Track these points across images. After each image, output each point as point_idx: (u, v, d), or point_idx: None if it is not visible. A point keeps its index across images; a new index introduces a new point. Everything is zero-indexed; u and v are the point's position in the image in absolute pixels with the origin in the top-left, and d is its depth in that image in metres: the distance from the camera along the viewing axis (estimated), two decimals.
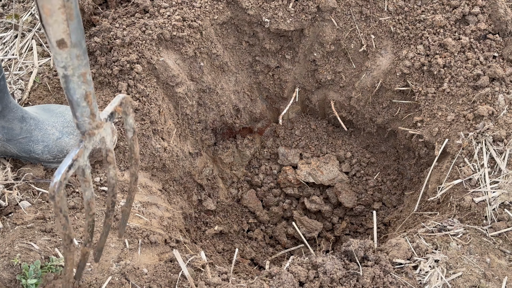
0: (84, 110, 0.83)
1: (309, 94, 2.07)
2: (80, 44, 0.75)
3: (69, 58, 0.75)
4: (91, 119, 0.85)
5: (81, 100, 0.81)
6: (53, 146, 1.35)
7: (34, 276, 1.11)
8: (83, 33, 0.75)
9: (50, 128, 1.36)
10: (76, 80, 0.78)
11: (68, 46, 0.73)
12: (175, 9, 1.73)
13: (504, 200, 1.33)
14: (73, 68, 0.76)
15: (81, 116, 0.84)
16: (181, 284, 1.19)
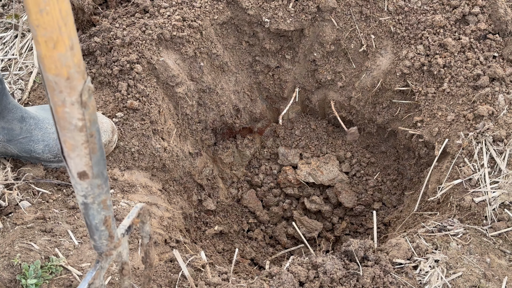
0: (103, 233, 0.83)
1: (309, 94, 2.07)
2: (102, 174, 0.74)
3: (90, 188, 0.74)
4: (109, 241, 0.84)
5: (100, 225, 0.81)
6: (53, 145, 1.35)
7: (34, 276, 1.11)
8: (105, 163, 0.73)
9: (50, 127, 1.36)
10: (96, 207, 0.77)
11: (90, 177, 0.72)
12: (175, 9, 1.73)
13: (504, 200, 1.33)
14: (93, 197, 0.75)
15: (99, 239, 0.84)
16: (181, 284, 1.19)
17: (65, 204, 1.34)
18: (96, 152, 0.71)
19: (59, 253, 1.19)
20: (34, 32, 0.59)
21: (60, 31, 0.59)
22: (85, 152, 0.69)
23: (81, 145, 0.68)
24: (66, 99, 0.63)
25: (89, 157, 0.70)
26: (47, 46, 0.59)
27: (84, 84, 0.64)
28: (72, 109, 0.64)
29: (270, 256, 1.97)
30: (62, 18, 0.59)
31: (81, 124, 0.66)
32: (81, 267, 1.18)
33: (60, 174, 1.43)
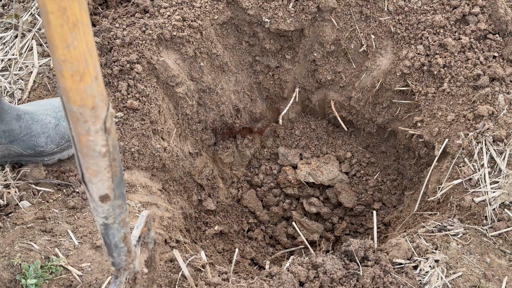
0: (122, 250, 0.84)
1: (309, 94, 2.07)
2: (122, 194, 0.75)
3: (111, 210, 0.75)
4: (128, 256, 0.86)
5: (120, 243, 0.82)
6: (54, 134, 1.36)
7: (34, 276, 1.11)
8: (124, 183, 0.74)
9: (45, 117, 1.37)
10: (116, 226, 0.78)
11: (112, 199, 0.73)
12: (175, 9, 1.73)
13: (504, 200, 1.33)
14: (114, 217, 0.76)
15: (118, 255, 0.85)
16: (181, 284, 1.19)
17: (65, 204, 1.34)
18: (117, 174, 0.71)
19: (59, 253, 1.19)
20: (59, 66, 0.57)
21: (86, 64, 0.58)
22: (108, 176, 0.69)
23: (104, 169, 0.68)
24: (90, 128, 0.63)
25: (111, 180, 0.70)
26: (73, 79, 0.58)
27: (107, 111, 0.64)
28: (96, 137, 0.64)
29: (270, 256, 1.97)
30: (88, 50, 0.58)
31: (104, 150, 0.65)
32: (81, 267, 1.19)
33: (60, 174, 1.43)
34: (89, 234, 1.27)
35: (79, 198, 1.36)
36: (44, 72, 1.68)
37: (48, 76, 1.65)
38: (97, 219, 0.76)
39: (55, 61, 0.57)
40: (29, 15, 1.91)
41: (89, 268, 1.19)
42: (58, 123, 1.37)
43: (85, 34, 0.57)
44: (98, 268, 1.19)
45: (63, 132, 1.38)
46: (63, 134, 1.38)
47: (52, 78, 1.64)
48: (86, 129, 0.63)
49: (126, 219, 0.79)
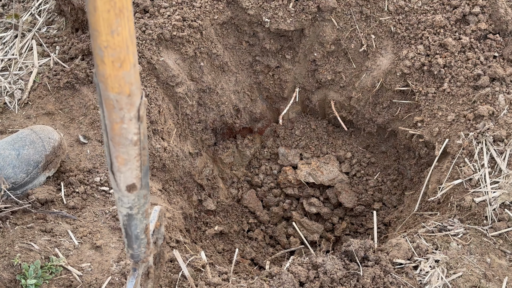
0: (142, 241, 0.84)
1: (309, 94, 2.07)
2: (147, 184, 0.75)
3: (137, 199, 0.74)
4: (147, 248, 0.86)
5: (141, 234, 0.82)
6: (19, 164, 1.33)
7: (34, 276, 1.11)
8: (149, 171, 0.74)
9: (4, 151, 1.34)
10: (139, 217, 0.78)
11: (138, 189, 0.73)
12: (175, 9, 1.73)
13: (505, 200, 1.32)
14: (138, 207, 0.76)
15: (138, 247, 0.84)
16: (181, 284, 1.19)
17: (65, 204, 1.34)
18: (146, 163, 0.71)
19: (59, 253, 1.19)
20: (100, 53, 0.57)
21: (127, 50, 0.58)
22: (137, 164, 0.69)
23: (134, 158, 0.68)
24: (125, 115, 0.63)
25: (139, 169, 0.70)
26: (113, 66, 0.58)
27: (141, 99, 0.64)
28: (130, 125, 0.64)
29: (270, 256, 1.97)
30: (130, 36, 0.58)
31: (136, 138, 0.66)
32: (81, 267, 1.18)
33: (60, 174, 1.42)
34: (89, 234, 1.27)
35: (79, 198, 1.36)
36: (44, 72, 1.68)
37: (48, 76, 1.64)
38: (120, 210, 0.75)
39: (96, 47, 0.57)
40: (29, 15, 1.91)
41: (89, 268, 1.19)
42: (18, 152, 1.34)
43: (128, 20, 0.57)
44: (98, 268, 1.19)
45: (27, 159, 1.34)
46: (28, 160, 1.34)
47: (52, 78, 1.64)
48: (121, 117, 0.63)
49: (148, 210, 0.79)
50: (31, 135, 1.38)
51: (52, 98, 1.61)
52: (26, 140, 1.37)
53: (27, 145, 1.36)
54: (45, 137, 1.39)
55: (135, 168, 0.69)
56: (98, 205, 1.36)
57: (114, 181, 0.70)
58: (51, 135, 1.40)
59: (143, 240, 0.83)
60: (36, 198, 1.31)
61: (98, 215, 1.33)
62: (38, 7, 1.93)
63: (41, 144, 1.37)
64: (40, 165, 1.36)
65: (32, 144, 1.36)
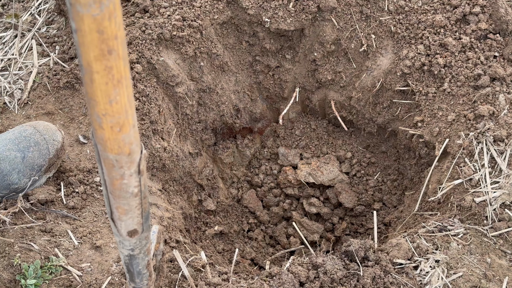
0: (144, 275, 0.84)
1: (309, 94, 2.07)
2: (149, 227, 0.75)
3: (139, 242, 0.75)
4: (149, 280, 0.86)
5: (143, 270, 0.82)
6: (23, 168, 1.31)
7: (34, 276, 1.10)
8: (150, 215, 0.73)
9: (10, 153, 1.30)
10: (141, 256, 0.79)
11: (139, 233, 0.73)
12: (175, 8, 1.73)
13: (505, 200, 1.32)
14: (140, 248, 0.76)
15: (141, 281, 0.85)
16: (181, 284, 1.19)
17: (65, 204, 1.34)
18: (147, 210, 0.71)
19: (59, 253, 1.19)
20: (98, 120, 0.56)
21: (126, 115, 0.58)
22: (138, 213, 0.69)
23: (135, 208, 0.68)
24: (125, 172, 0.62)
25: (141, 216, 0.70)
26: (112, 130, 0.58)
27: (141, 154, 0.64)
28: (130, 180, 0.64)
29: (270, 256, 1.97)
30: (129, 102, 0.57)
31: (137, 190, 0.65)
32: (81, 267, 1.18)
33: (60, 174, 1.42)
34: (88, 234, 1.27)
35: (79, 198, 1.36)
36: (44, 72, 1.68)
37: (48, 76, 1.64)
38: (122, 251, 0.76)
39: (94, 114, 0.57)
40: (28, 14, 1.91)
41: (89, 268, 1.18)
42: (24, 155, 1.31)
43: (127, 88, 0.56)
44: (98, 268, 1.19)
45: (32, 163, 1.32)
46: (32, 165, 1.32)
47: (52, 78, 1.64)
48: (121, 174, 0.63)
49: (150, 247, 0.79)
50: (35, 135, 1.35)
51: (52, 98, 1.61)
52: (31, 141, 1.33)
53: (31, 146, 1.33)
54: (49, 139, 1.36)
55: (136, 216, 0.69)
56: (98, 205, 1.36)
57: (115, 227, 0.70)
58: (55, 136, 1.38)
59: (145, 275, 0.84)
60: (36, 198, 1.31)
61: (98, 215, 1.33)
62: (38, 7, 1.93)
63: (46, 146, 1.35)
64: (43, 169, 1.35)
65: (37, 146, 1.33)
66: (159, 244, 1.00)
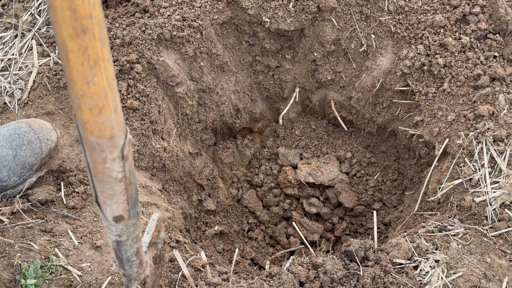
0: (134, 263, 0.84)
1: (309, 94, 2.07)
2: (137, 214, 0.74)
3: (125, 229, 0.74)
4: (139, 268, 0.86)
5: (132, 257, 0.82)
6: (14, 166, 1.30)
7: (34, 276, 1.11)
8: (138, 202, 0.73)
9: (1, 150, 1.29)
10: (129, 243, 0.78)
11: (126, 219, 0.72)
12: (175, 9, 1.73)
13: (505, 200, 1.32)
14: (127, 235, 0.76)
15: (130, 268, 0.85)
16: (181, 284, 1.19)
17: (65, 204, 1.34)
18: (133, 196, 0.70)
19: (59, 253, 1.19)
20: (77, 101, 0.56)
21: (106, 98, 0.57)
22: (123, 198, 0.68)
23: (120, 193, 0.67)
24: (107, 156, 0.62)
25: (126, 202, 0.69)
26: (91, 112, 0.57)
27: (125, 138, 0.63)
28: (113, 164, 0.63)
29: (270, 256, 1.97)
30: (108, 85, 0.56)
31: (121, 175, 0.65)
32: (81, 267, 1.18)
33: (60, 174, 1.42)
34: (89, 234, 1.27)
35: (79, 198, 1.36)
36: (44, 72, 1.68)
37: (48, 76, 1.64)
38: (109, 236, 0.75)
39: (73, 95, 0.56)
40: (29, 15, 1.91)
41: (89, 268, 1.19)
42: (15, 153, 1.30)
43: (105, 70, 0.55)
44: (98, 268, 1.19)
45: (23, 162, 1.31)
46: (23, 163, 1.31)
47: (52, 78, 1.64)
48: (103, 158, 0.62)
49: (139, 235, 0.78)
50: (30, 133, 1.34)
51: (52, 98, 1.61)
52: (24, 139, 1.33)
53: (24, 144, 1.32)
54: (43, 138, 1.36)
55: (121, 201, 0.68)
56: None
57: (101, 211, 0.69)
58: (49, 135, 1.37)
59: (134, 262, 0.83)
60: (36, 198, 1.31)
61: (98, 215, 1.33)
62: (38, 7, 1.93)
63: (39, 145, 1.34)
64: (34, 168, 1.34)
65: (30, 145, 1.33)
66: (159, 233, 0.99)
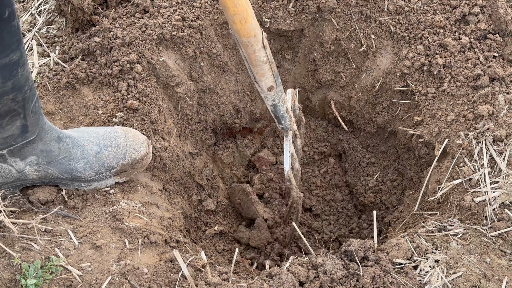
0: (287, 118, 1.28)
1: (309, 94, 2.07)
2: (280, 83, 1.14)
3: (276, 94, 1.15)
4: (291, 121, 1.30)
5: (285, 113, 1.25)
6: (93, 161, 1.32)
7: (34, 276, 1.11)
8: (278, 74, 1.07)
9: (87, 144, 1.32)
10: (281, 104, 1.20)
11: (275, 87, 1.13)
12: (175, 9, 1.73)
13: (504, 200, 1.33)
14: (278, 99, 1.17)
15: (285, 122, 1.30)
16: (181, 284, 1.19)
17: (65, 204, 1.34)
18: (276, 72, 1.08)
19: (59, 253, 1.19)
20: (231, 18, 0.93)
21: (247, 12, 0.94)
22: (270, 74, 1.07)
23: (267, 71, 1.05)
24: (255, 48, 1.00)
25: (273, 76, 1.09)
26: (241, 23, 0.94)
27: (263, 34, 1.01)
28: (260, 53, 1.01)
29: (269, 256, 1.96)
30: (246, 3, 0.93)
31: (265, 59, 1.03)
32: (81, 267, 1.19)
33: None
34: (89, 234, 1.27)
35: (80, 198, 1.36)
36: (44, 72, 1.68)
37: (48, 76, 1.65)
38: (267, 103, 1.17)
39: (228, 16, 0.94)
40: (29, 15, 1.91)
41: (89, 268, 1.19)
42: (99, 151, 1.33)
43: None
44: (98, 268, 1.19)
45: (103, 161, 1.33)
46: (103, 162, 1.33)
47: (52, 78, 1.64)
48: (253, 50, 1.00)
49: (285, 98, 1.20)
50: (121, 139, 1.37)
51: (52, 98, 1.61)
52: (113, 142, 1.36)
53: (111, 146, 1.35)
54: (131, 147, 1.38)
55: (269, 76, 1.05)
56: (98, 205, 1.36)
57: (259, 87, 1.09)
58: (138, 147, 1.39)
59: (287, 117, 1.25)
60: (37, 198, 1.31)
61: (98, 215, 1.33)
62: (38, 7, 1.93)
63: (124, 152, 1.36)
64: (113, 171, 1.36)
65: (116, 148, 1.35)
66: (294, 101, 1.43)
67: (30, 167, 1.27)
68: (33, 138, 1.24)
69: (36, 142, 1.25)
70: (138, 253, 1.27)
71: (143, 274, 1.20)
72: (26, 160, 1.26)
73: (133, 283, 1.16)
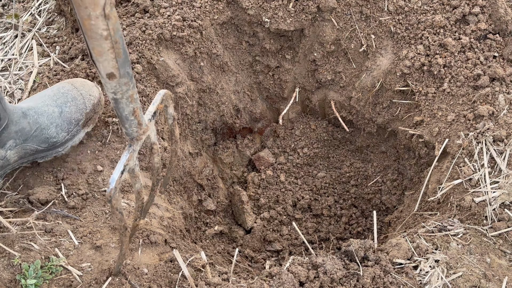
0: (132, 122, 0.95)
1: (309, 94, 2.07)
2: (128, 74, 0.86)
3: (118, 86, 0.85)
4: (138, 128, 0.97)
5: (130, 115, 0.94)
6: (61, 122, 1.36)
7: (34, 276, 1.11)
8: (129, 64, 0.83)
9: (48, 108, 1.36)
10: (124, 101, 0.90)
11: (117, 77, 0.83)
12: (175, 9, 1.73)
13: (504, 200, 1.33)
14: (121, 93, 0.87)
15: (130, 127, 0.97)
16: (181, 284, 1.19)
17: (65, 204, 1.34)
18: (121, 56, 0.81)
19: (59, 253, 1.19)
20: None
21: None
22: (111, 56, 0.79)
23: (107, 51, 0.77)
24: (91, 13, 0.72)
25: (115, 60, 0.80)
26: None
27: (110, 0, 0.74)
28: (97, 22, 0.73)
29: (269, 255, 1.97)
30: None
31: (105, 33, 0.75)
32: (81, 267, 1.19)
33: None
34: (89, 234, 1.27)
35: (80, 198, 1.36)
36: (44, 72, 1.68)
37: (48, 76, 1.64)
38: (108, 94, 0.88)
39: None
40: (29, 15, 1.91)
41: (89, 268, 1.19)
42: (61, 110, 1.37)
43: None
44: (98, 268, 1.19)
45: (69, 118, 1.38)
46: (69, 119, 1.38)
47: (52, 78, 1.64)
48: (87, 14, 0.72)
49: (134, 96, 0.90)
50: (73, 91, 1.40)
51: None
52: (68, 96, 1.39)
53: (69, 101, 1.39)
54: (86, 94, 1.42)
55: (110, 59, 0.79)
56: (98, 205, 1.36)
57: (97, 68, 0.81)
58: (91, 91, 1.43)
59: (133, 121, 0.94)
60: (37, 198, 1.31)
61: (99, 215, 1.33)
62: (38, 7, 1.93)
63: (82, 101, 1.40)
64: (81, 123, 1.40)
65: (74, 101, 1.39)
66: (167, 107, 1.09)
67: (11, 151, 1.30)
68: (6, 123, 1.27)
69: (9, 126, 1.28)
70: (138, 253, 1.27)
71: (143, 274, 1.20)
72: (6, 146, 1.29)
73: (133, 283, 1.16)
